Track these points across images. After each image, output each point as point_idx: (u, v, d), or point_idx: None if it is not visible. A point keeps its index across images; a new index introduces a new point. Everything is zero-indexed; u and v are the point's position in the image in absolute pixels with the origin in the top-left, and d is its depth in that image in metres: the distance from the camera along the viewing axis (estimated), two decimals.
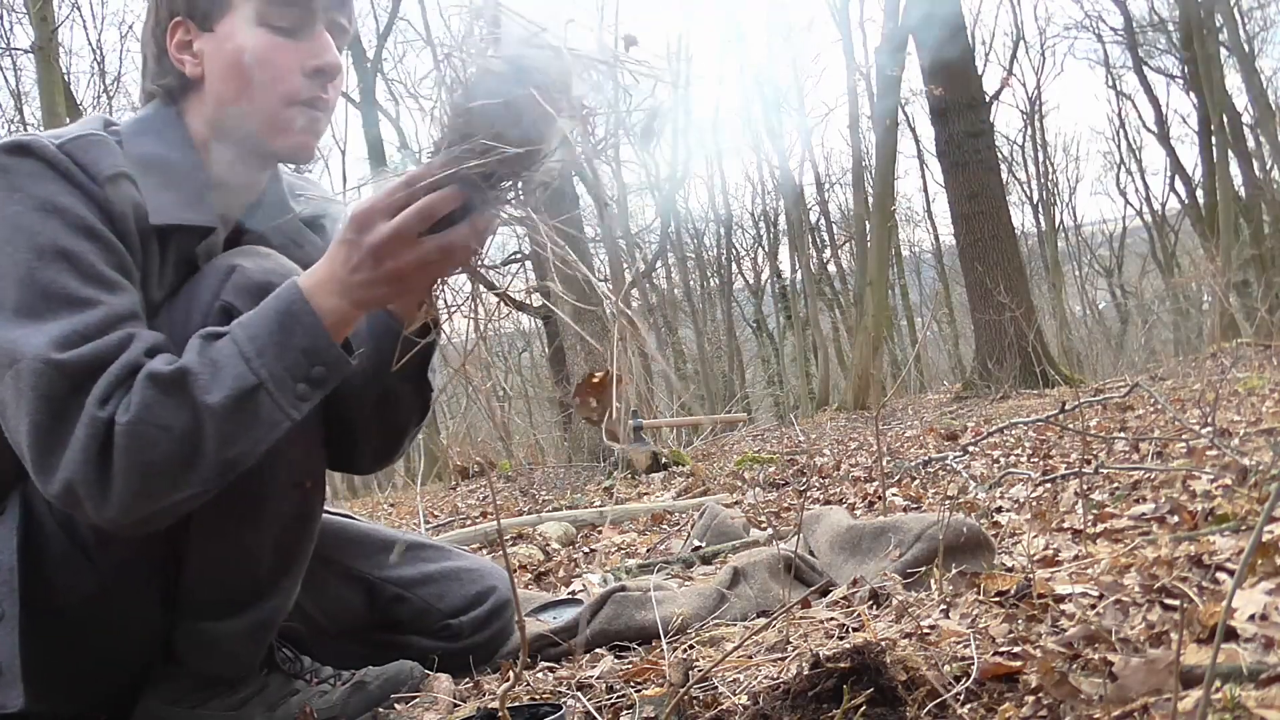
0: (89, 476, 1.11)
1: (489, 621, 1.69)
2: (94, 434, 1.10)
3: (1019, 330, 9.72)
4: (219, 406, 1.12)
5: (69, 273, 1.17)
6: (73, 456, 1.11)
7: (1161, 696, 0.92)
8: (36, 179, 1.20)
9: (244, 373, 1.14)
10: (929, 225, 23.42)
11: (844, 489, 3.67)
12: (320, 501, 1.45)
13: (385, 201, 1.13)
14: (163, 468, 1.12)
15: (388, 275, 1.15)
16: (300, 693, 1.45)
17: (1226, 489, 2.02)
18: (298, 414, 1.17)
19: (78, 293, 1.16)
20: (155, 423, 1.10)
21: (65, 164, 1.21)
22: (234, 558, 1.34)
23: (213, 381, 1.13)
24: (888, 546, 1.77)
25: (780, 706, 1.08)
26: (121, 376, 1.13)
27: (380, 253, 1.14)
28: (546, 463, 8.83)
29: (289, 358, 1.16)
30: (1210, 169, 16.82)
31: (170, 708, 1.40)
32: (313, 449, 1.39)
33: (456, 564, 1.73)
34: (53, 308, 1.15)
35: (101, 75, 15.80)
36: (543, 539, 3.36)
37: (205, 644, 1.38)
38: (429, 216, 1.11)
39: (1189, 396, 4.99)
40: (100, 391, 1.12)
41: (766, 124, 20.13)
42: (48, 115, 8.71)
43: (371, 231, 1.13)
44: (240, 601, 1.36)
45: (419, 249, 1.13)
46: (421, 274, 1.16)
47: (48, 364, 1.11)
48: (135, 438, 1.10)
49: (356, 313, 1.21)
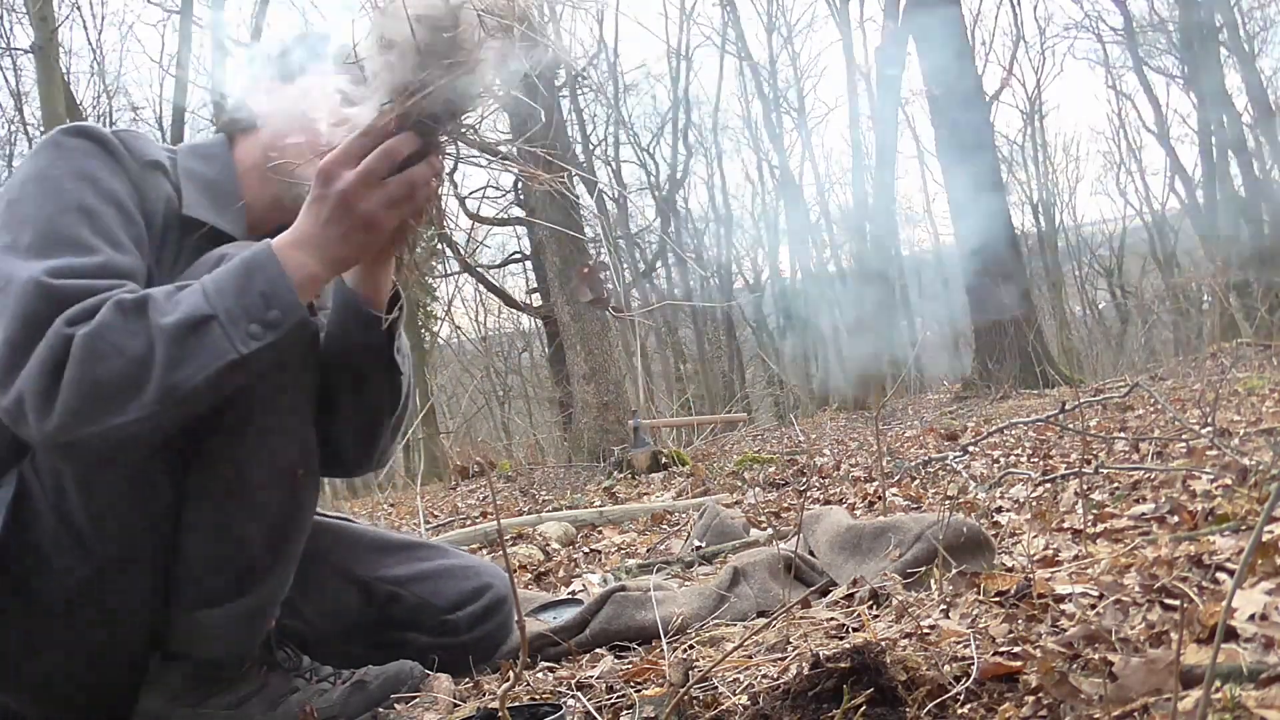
0: (39, 386, 1.14)
1: (486, 617, 1.69)
2: (53, 347, 1.14)
3: (1019, 330, 9.72)
4: (170, 327, 1.16)
5: (84, 225, 1.25)
6: (30, 368, 1.15)
7: (1161, 696, 0.92)
8: (84, 154, 1.32)
9: (200, 303, 1.18)
10: (929, 225, 23.45)
11: (844, 489, 3.67)
12: (313, 492, 1.46)
13: (345, 153, 1.20)
14: (108, 386, 1.14)
15: (359, 222, 1.22)
16: (300, 691, 1.45)
17: (1226, 489, 2.02)
18: (245, 349, 1.19)
19: (85, 240, 1.24)
20: (110, 340, 1.14)
21: (114, 144, 1.34)
22: (226, 544, 1.35)
23: (170, 309, 1.17)
24: (888, 546, 1.77)
25: (780, 706, 1.08)
26: (96, 306, 1.17)
27: (349, 198, 1.20)
28: (546, 463, 8.83)
29: (246, 299, 1.19)
30: (1210, 169, 16.82)
31: (169, 706, 1.40)
32: (303, 438, 1.40)
33: (451, 561, 1.74)
34: (60, 248, 1.22)
35: (101, 75, 15.78)
36: (543, 539, 3.36)
37: (198, 631, 1.38)
38: (393, 157, 1.20)
39: (1189, 396, 4.99)
40: (72, 313, 1.16)
41: (766, 124, 20.14)
42: (48, 115, 8.70)
43: (338, 180, 1.20)
44: (232, 589, 1.37)
45: (385, 189, 1.21)
46: (391, 214, 1.23)
47: (37, 285, 1.17)
48: (88, 351, 1.13)
49: (326, 272, 1.26)
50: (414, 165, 1.22)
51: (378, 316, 1.39)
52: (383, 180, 1.20)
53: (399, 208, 1.23)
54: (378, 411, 1.51)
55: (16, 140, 15.40)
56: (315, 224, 1.23)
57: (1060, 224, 23.64)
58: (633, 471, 6.26)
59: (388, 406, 1.51)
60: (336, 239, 1.23)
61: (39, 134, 13.74)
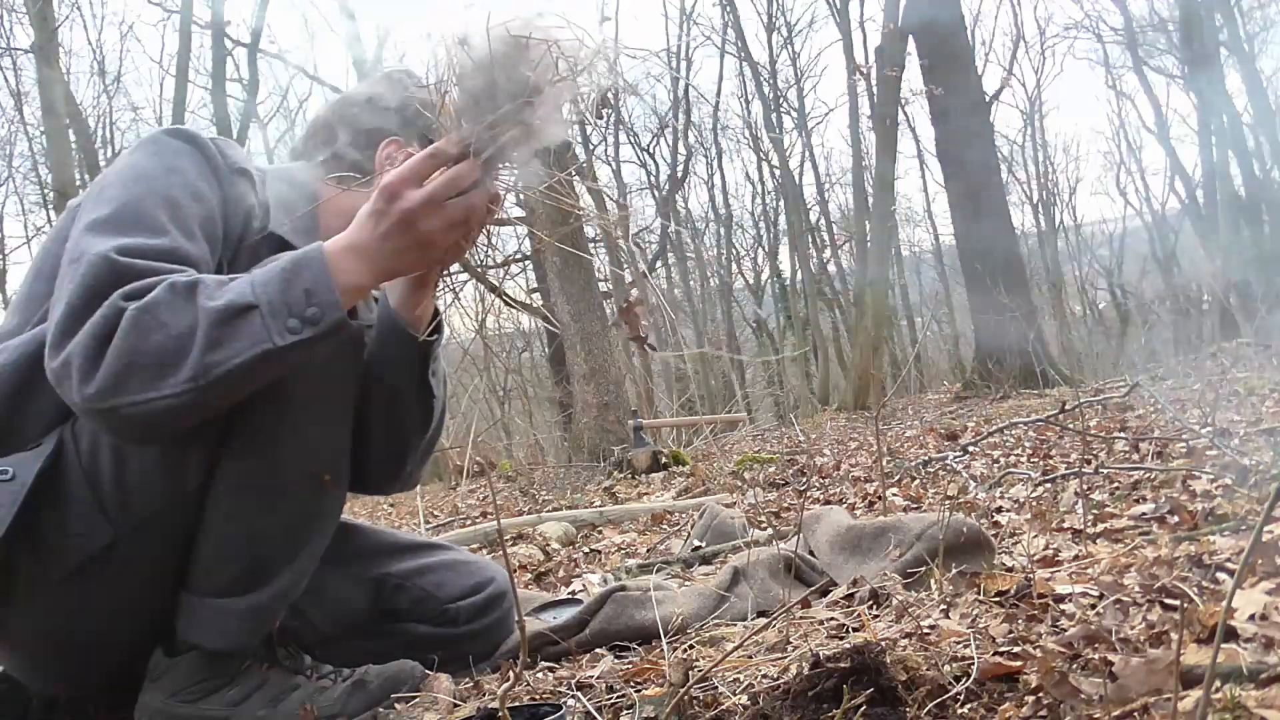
0: (87, 352, 1.18)
1: (487, 609, 1.72)
2: (106, 318, 1.18)
3: (1019, 330, 9.73)
4: (213, 309, 1.19)
5: (162, 210, 1.30)
6: (82, 335, 1.19)
7: (1161, 696, 0.92)
8: (178, 153, 1.38)
9: (245, 291, 1.21)
10: (929, 225, 23.44)
11: (844, 489, 3.67)
12: (339, 501, 1.49)
13: (412, 172, 1.24)
14: (149, 359, 1.17)
15: (416, 240, 1.25)
16: (300, 689, 1.46)
17: (1226, 489, 2.03)
18: (281, 341, 1.20)
19: (159, 224, 1.29)
20: (158, 316, 1.18)
21: (209, 148, 1.40)
22: (242, 537, 1.37)
23: (218, 294, 1.21)
24: (888, 546, 1.77)
25: (780, 706, 1.08)
26: (153, 284, 1.20)
27: (411, 217, 1.23)
28: (546, 463, 8.83)
29: (290, 293, 1.22)
30: (1210, 169, 16.82)
31: (170, 701, 1.41)
32: (335, 446, 1.43)
33: (454, 557, 1.78)
34: (133, 229, 1.27)
35: (101, 75, 15.81)
36: (543, 539, 3.36)
37: (204, 619, 1.39)
38: (458, 185, 1.23)
39: (1189, 396, 4.99)
40: (130, 289, 1.20)
41: (766, 124, 20.13)
42: (48, 115, 8.72)
43: (402, 199, 1.23)
44: (243, 582, 1.39)
45: (445, 212, 1.24)
46: (446, 236, 1.26)
47: (104, 259, 1.22)
48: (136, 324, 1.17)
49: (372, 281, 1.29)
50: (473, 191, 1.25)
51: (414, 336, 1.44)
52: (444, 203, 1.24)
53: (454, 231, 1.26)
54: (408, 432, 1.55)
55: (16, 140, 15.42)
56: (372, 235, 1.25)
57: (1060, 224, 23.67)
58: (633, 471, 6.26)
59: (418, 428, 1.56)
60: (390, 252, 1.26)
61: (39, 134, 13.77)
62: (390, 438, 1.55)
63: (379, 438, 1.53)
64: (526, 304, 11.37)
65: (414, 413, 1.54)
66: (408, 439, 1.57)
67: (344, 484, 1.48)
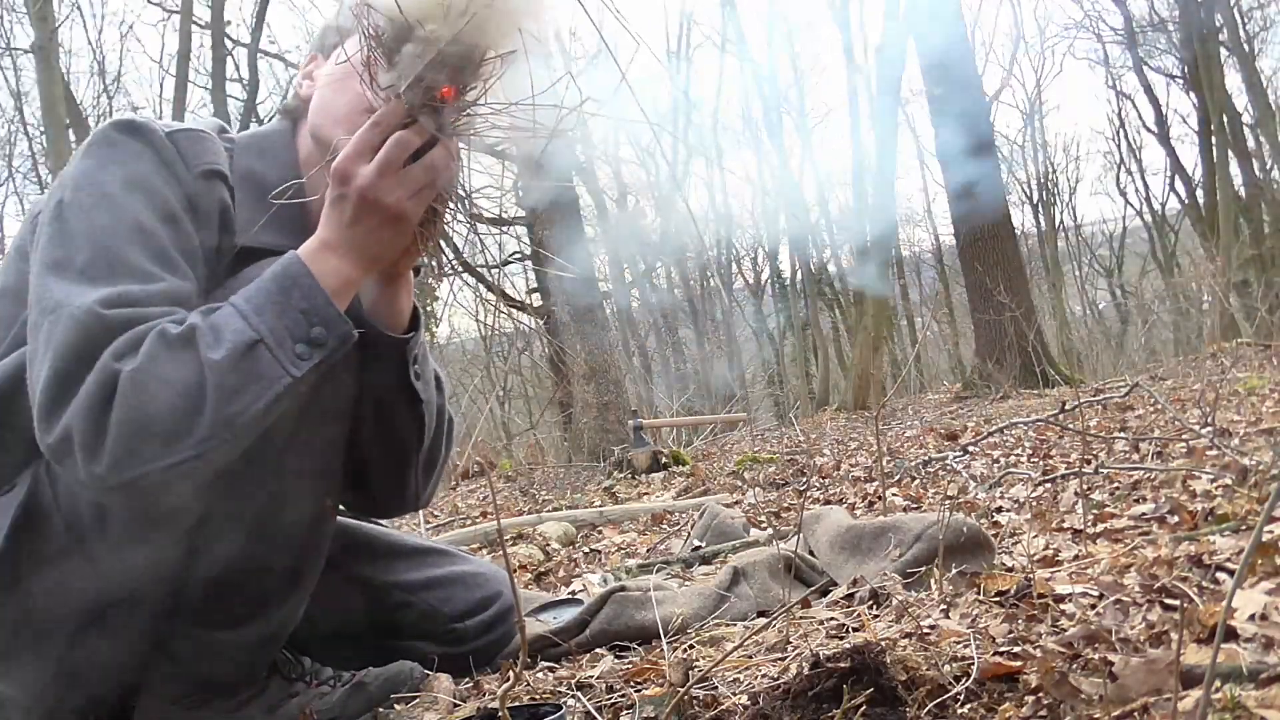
0: (87, 424, 1.09)
1: (494, 626, 1.68)
2: (101, 383, 1.09)
3: (1019, 330, 9.73)
4: (221, 360, 1.11)
5: (136, 245, 1.20)
6: (77, 404, 1.10)
7: (1161, 696, 0.92)
8: (137, 157, 1.25)
9: (243, 328, 1.14)
10: (929, 225, 23.42)
11: (844, 489, 3.67)
12: (333, 522, 1.44)
13: (359, 148, 1.18)
14: (160, 423, 1.08)
15: (385, 216, 1.19)
16: (300, 694, 1.45)
17: (1226, 489, 2.02)
18: (297, 371, 1.15)
19: (139, 265, 1.19)
20: (157, 374, 1.09)
21: (168, 150, 1.27)
22: (245, 570, 1.31)
23: (215, 339, 1.13)
24: (888, 546, 1.77)
25: (780, 706, 1.08)
26: (140, 337, 1.12)
27: (371, 193, 1.18)
28: (546, 463, 8.82)
29: (289, 317, 1.16)
30: (1210, 169, 16.81)
31: (170, 708, 1.40)
32: (331, 468, 1.37)
33: (462, 568, 1.72)
34: (113, 275, 1.17)
35: (101, 75, 15.77)
36: (543, 539, 3.36)
37: (210, 652, 1.36)
38: (408, 147, 1.18)
39: (1189, 396, 4.99)
40: (118, 346, 1.11)
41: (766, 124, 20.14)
42: (48, 115, 8.71)
43: (356, 177, 1.18)
44: (248, 613, 1.35)
45: (407, 178, 1.19)
46: (415, 203, 1.20)
47: (88, 314, 1.12)
48: (136, 386, 1.08)
49: (359, 273, 1.23)
50: (430, 151, 1.19)
51: (391, 339, 1.34)
52: (401, 169, 1.18)
53: (422, 195, 1.20)
54: (404, 445, 1.44)
55: (16, 140, 15.41)
56: (340, 225, 1.20)
57: (1060, 224, 23.65)
58: (633, 471, 6.26)
59: (414, 439, 1.43)
60: (364, 237, 1.20)
61: (39, 134, 13.76)
62: (387, 453, 1.44)
63: (377, 457, 1.44)
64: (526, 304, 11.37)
65: (405, 420, 1.41)
66: (406, 453, 1.45)
67: (337, 503, 1.43)
